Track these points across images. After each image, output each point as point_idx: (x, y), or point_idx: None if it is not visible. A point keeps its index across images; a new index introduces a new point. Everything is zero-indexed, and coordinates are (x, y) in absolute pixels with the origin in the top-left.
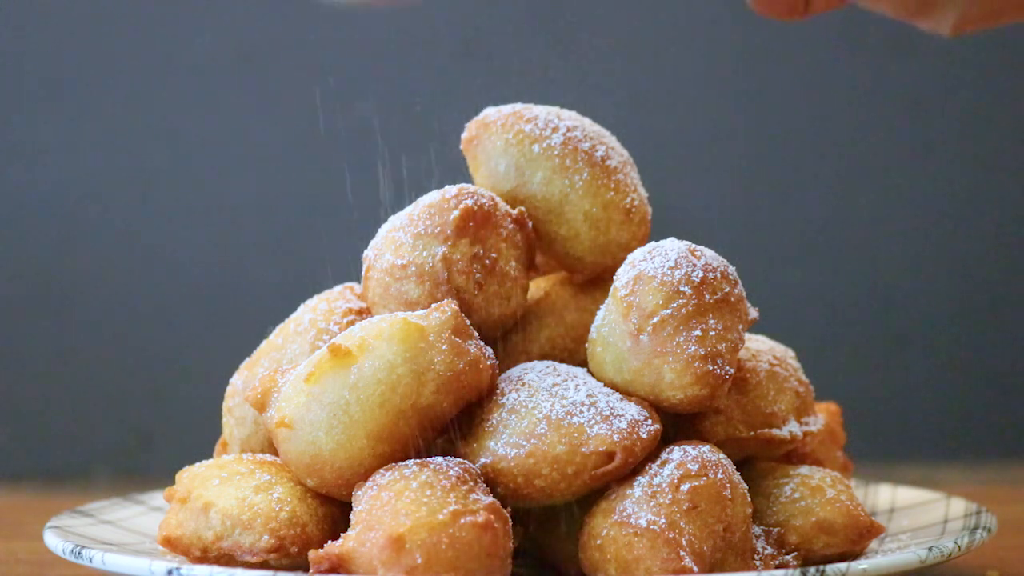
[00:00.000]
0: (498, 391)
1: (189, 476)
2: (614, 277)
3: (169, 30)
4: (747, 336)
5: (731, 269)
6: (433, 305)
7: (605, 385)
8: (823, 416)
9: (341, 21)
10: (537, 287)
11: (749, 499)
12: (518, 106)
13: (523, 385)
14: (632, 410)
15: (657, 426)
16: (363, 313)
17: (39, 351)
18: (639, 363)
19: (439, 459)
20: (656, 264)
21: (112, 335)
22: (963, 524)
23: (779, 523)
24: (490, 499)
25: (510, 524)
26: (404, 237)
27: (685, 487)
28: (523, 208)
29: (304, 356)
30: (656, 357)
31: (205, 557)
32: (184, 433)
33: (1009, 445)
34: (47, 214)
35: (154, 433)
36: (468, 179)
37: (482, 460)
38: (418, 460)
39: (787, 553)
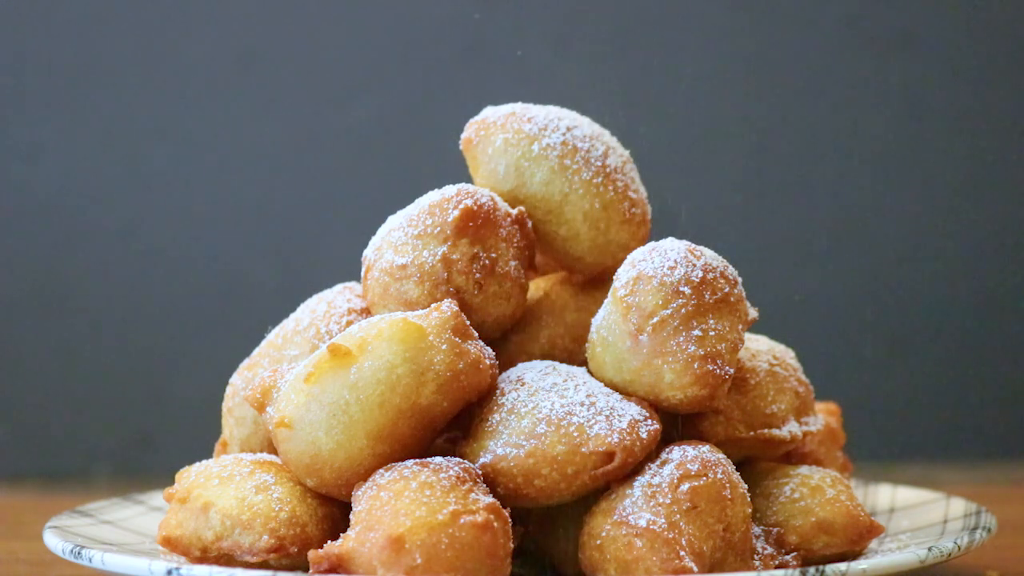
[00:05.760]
0: (498, 391)
1: (189, 476)
2: (614, 277)
3: (169, 30)
4: (747, 336)
5: (731, 269)
6: (433, 305)
7: (605, 385)
8: (823, 416)
9: (341, 21)
10: (537, 287)
11: (749, 499)
12: (517, 106)
13: (523, 385)
14: (632, 410)
15: (657, 426)
16: (363, 313)
17: (39, 351)
18: (639, 363)
19: (439, 459)
20: (656, 264)
21: (112, 335)
22: (963, 524)
23: (779, 523)
24: (490, 499)
25: (510, 524)
26: (404, 237)
27: (685, 487)
28: (523, 208)
29: (304, 356)
30: (656, 357)
31: (205, 557)
32: (184, 433)
33: (1009, 445)
34: (47, 214)
35: (154, 433)
36: (468, 179)
37: (482, 460)
38: (418, 460)
39: (787, 553)
